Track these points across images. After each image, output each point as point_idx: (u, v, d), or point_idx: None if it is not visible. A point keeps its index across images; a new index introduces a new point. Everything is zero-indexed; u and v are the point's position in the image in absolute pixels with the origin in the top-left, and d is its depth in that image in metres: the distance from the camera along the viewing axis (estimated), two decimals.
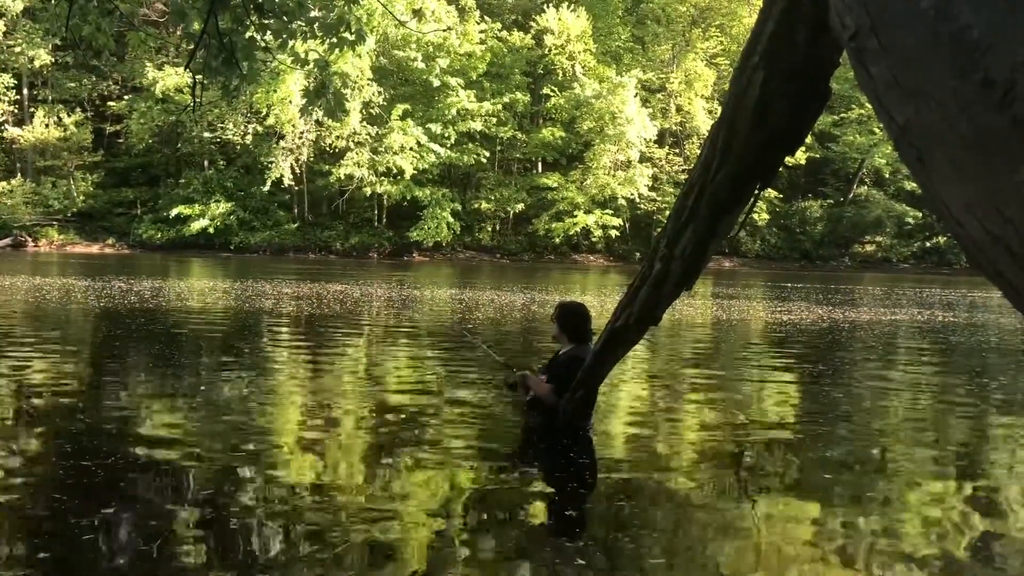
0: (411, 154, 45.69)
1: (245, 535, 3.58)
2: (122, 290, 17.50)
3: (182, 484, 4.28)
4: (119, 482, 4.24)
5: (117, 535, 3.52)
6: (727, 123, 3.39)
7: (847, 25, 1.78)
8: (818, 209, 52.12)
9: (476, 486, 4.41)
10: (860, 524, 3.96)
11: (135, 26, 17.89)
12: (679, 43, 52.10)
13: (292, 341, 10.99)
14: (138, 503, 3.92)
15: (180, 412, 6.12)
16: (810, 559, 3.56)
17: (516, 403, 6.17)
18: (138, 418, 5.84)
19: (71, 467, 4.47)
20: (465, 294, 19.67)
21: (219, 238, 46.35)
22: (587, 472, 4.85)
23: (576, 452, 5.17)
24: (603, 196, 47.27)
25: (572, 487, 4.58)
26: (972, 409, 7.17)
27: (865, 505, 4.26)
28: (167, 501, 3.98)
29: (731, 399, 7.28)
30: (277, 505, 3.96)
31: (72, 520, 3.64)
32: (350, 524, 3.73)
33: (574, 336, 5.65)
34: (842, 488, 4.56)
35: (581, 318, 5.70)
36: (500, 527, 3.79)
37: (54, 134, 47.71)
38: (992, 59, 1.39)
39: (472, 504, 4.11)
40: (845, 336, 12.97)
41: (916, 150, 1.61)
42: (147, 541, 3.45)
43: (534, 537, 3.73)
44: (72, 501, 3.90)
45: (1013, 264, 1.45)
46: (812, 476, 4.84)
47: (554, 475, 4.73)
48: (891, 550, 3.64)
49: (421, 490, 4.30)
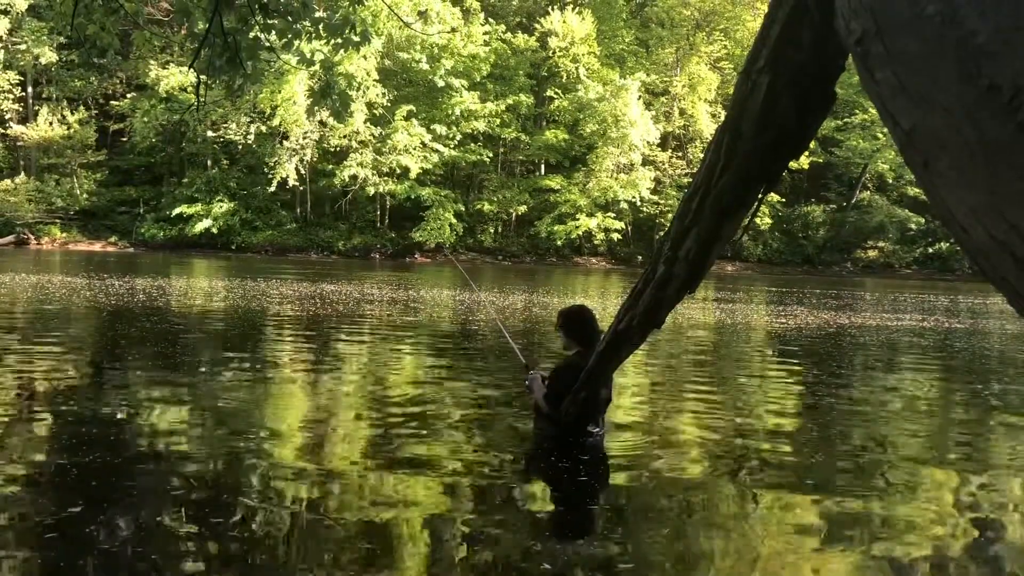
0: (415, 153, 45.75)
1: (245, 534, 3.58)
2: (124, 288, 17.52)
3: (182, 483, 4.28)
4: (118, 480, 4.25)
5: (117, 534, 3.52)
6: (732, 126, 3.39)
7: (853, 30, 1.78)
8: (821, 214, 52.09)
9: (476, 487, 4.41)
10: (862, 526, 3.96)
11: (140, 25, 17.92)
12: (683, 47, 52.13)
13: (294, 341, 10.99)
14: (138, 502, 3.92)
15: (180, 411, 6.12)
16: (811, 560, 3.56)
17: (524, 404, 6.18)
18: (138, 417, 5.84)
19: (70, 465, 4.48)
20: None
21: (221, 238, 46.40)
22: (587, 473, 4.84)
23: (577, 453, 5.17)
24: (605, 199, 47.27)
25: (572, 488, 4.58)
26: (974, 414, 7.16)
27: (866, 507, 4.26)
28: (168, 500, 3.98)
29: (732, 402, 7.27)
30: (278, 505, 3.96)
31: (72, 518, 3.64)
32: (351, 523, 3.74)
33: (583, 341, 5.50)
34: (844, 490, 4.55)
35: (584, 321, 5.59)
36: (499, 526, 3.79)
37: (58, 132, 47.82)
38: (998, 65, 1.39)
39: (472, 505, 4.11)
40: (847, 341, 12.95)
41: (921, 155, 1.61)
42: (147, 540, 3.45)
43: (533, 536, 3.73)
44: (72, 499, 3.90)
45: (1017, 270, 1.45)
46: (813, 478, 4.83)
47: (554, 476, 4.72)
48: (893, 551, 3.64)
49: (421, 490, 4.30)
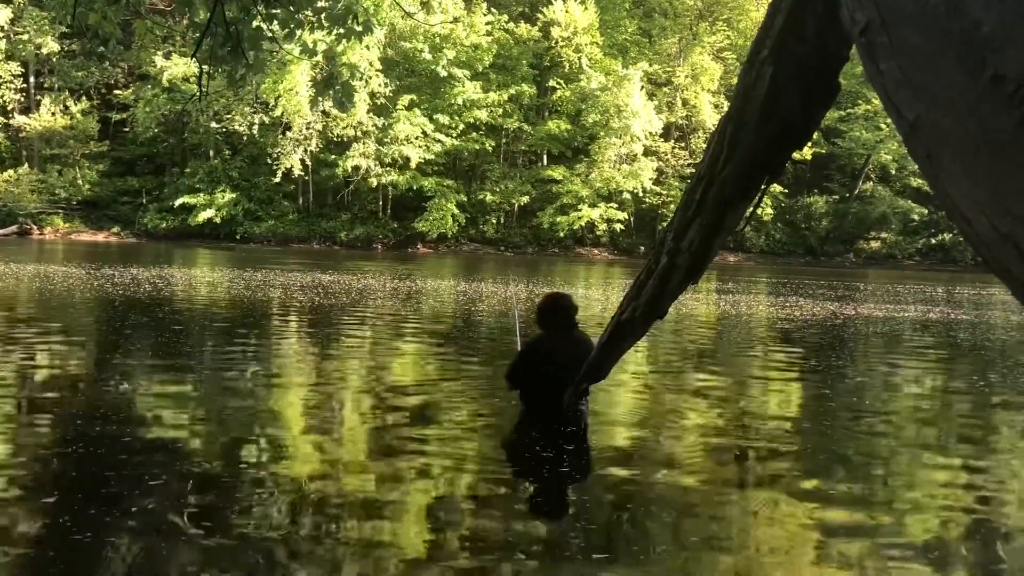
0: (417, 143, 45.68)
1: (245, 532, 3.59)
2: (127, 278, 17.54)
3: (185, 476, 4.30)
4: (118, 473, 4.26)
5: (119, 528, 3.54)
6: (735, 117, 3.38)
7: (857, 20, 1.78)
8: (823, 205, 51.93)
9: (476, 481, 4.43)
10: (863, 522, 3.96)
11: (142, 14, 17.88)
12: (686, 37, 51.89)
13: (296, 331, 11.01)
14: (140, 495, 3.94)
15: (181, 404, 6.14)
16: (811, 556, 3.57)
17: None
18: (141, 407, 5.86)
19: (72, 456, 4.50)
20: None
21: (224, 228, 46.37)
22: (588, 468, 4.86)
23: (578, 448, 5.19)
24: (608, 189, 47.14)
25: (573, 483, 4.60)
26: (977, 407, 7.17)
27: (868, 503, 4.27)
28: (169, 494, 3.99)
29: (734, 394, 7.28)
30: (279, 501, 3.97)
31: (75, 511, 3.66)
32: (351, 519, 3.75)
33: (542, 325, 5.85)
34: (845, 485, 4.56)
35: (543, 309, 5.88)
36: (499, 523, 3.80)
37: (60, 122, 47.71)
38: (1002, 57, 1.39)
39: (471, 499, 4.13)
40: (849, 332, 12.95)
41: (925, 147, 1.61)
42: (148, 535, 3.46)
43: (532, 534, 3.74)
44: (74, 491, 3.92)
45: (1021, 261, 1.46)
46: (815, 472, 4.84)
47: (555, 470, 4.74)
48: (894, 549, 3.65)
49: (421, 483, 4.32)
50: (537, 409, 5.70)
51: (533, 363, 5.70)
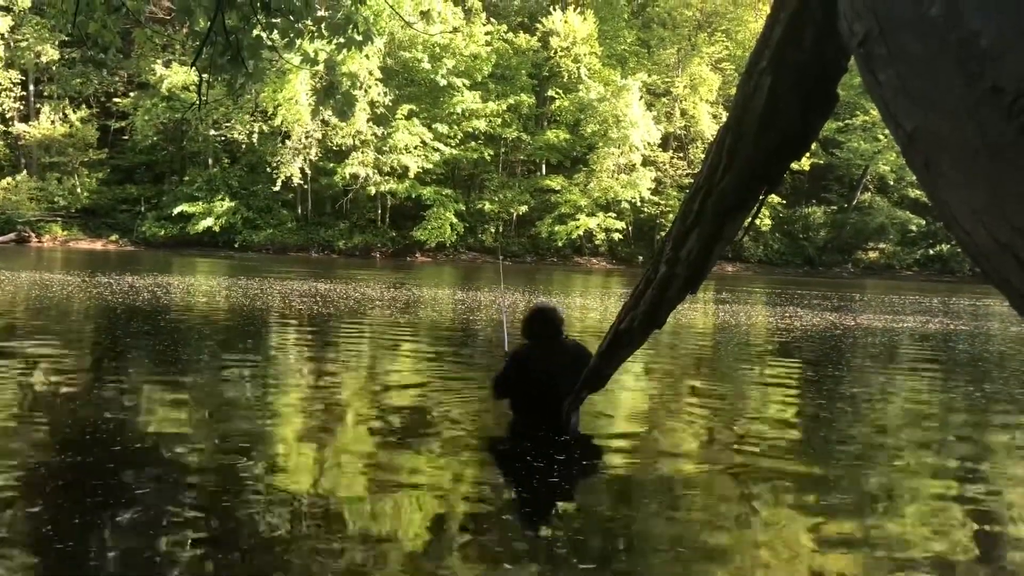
0: (416, 152, 45.74)
1: (245, 532, 3.58)
2: (125, 286, 17.52)
3: (182, 481, 4.28)
4: (119, 478, 4.25)
5: (117, 533, 3.52)
6: (734, 127, 3.39)
7: (856, 31, 1.78)
8: (821, 215, 52.01)
9: (474, 485, 4.41)
10: (860, 533, 3.95)
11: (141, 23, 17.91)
12: (684, 47, 52.05)
13: (295, 340, 10.99)
14: (139, 500, 3.93)
15: (180, 411, 6.12)
16: (808, 568, 3.56)
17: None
18: (139, 415, 5.85)
19: (70, 463, 4.48)
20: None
21: (222, 236, 46.36)
22: (587, 473, 4.85)
23: (576, 452, 5.17)
24: (606, 199, 47.20)
25: (572, 487, 4.58)
26: (976, 418, 7.16)
27: (866, 508, 4.26)
28: (168, 498, 3.98)
29: (732, 402, 7.27)
30: (278, 503, 3.96)
31: (73, 517, 3.64)
32: (345, 528, 3.74)
33: (526, 335, 5.90)
34: (843, 490, 4.55)
35: (526, 320, 5.93)
36: (496, 526, 3.79)
37: (59, 130, 47.73)
38: (1001, 67, 1.39)
39: (470, 503, 4.12)
40: (847, 343, 12.95)
41: (923, 157, 1.61)
42: (147, 539, 3.45)
43: (531, 535, 3.73)
44: (72, 498, 3.90)
45: (1020, 272, 1.45)
46: (812, 484, 4.83)
47: (553, 474, 4.72)
48: (892, 552, 3.63)
49: (420, 486, 4.30)
50: (528, 415, 5.70)
51: (522, 370, 5.71)
